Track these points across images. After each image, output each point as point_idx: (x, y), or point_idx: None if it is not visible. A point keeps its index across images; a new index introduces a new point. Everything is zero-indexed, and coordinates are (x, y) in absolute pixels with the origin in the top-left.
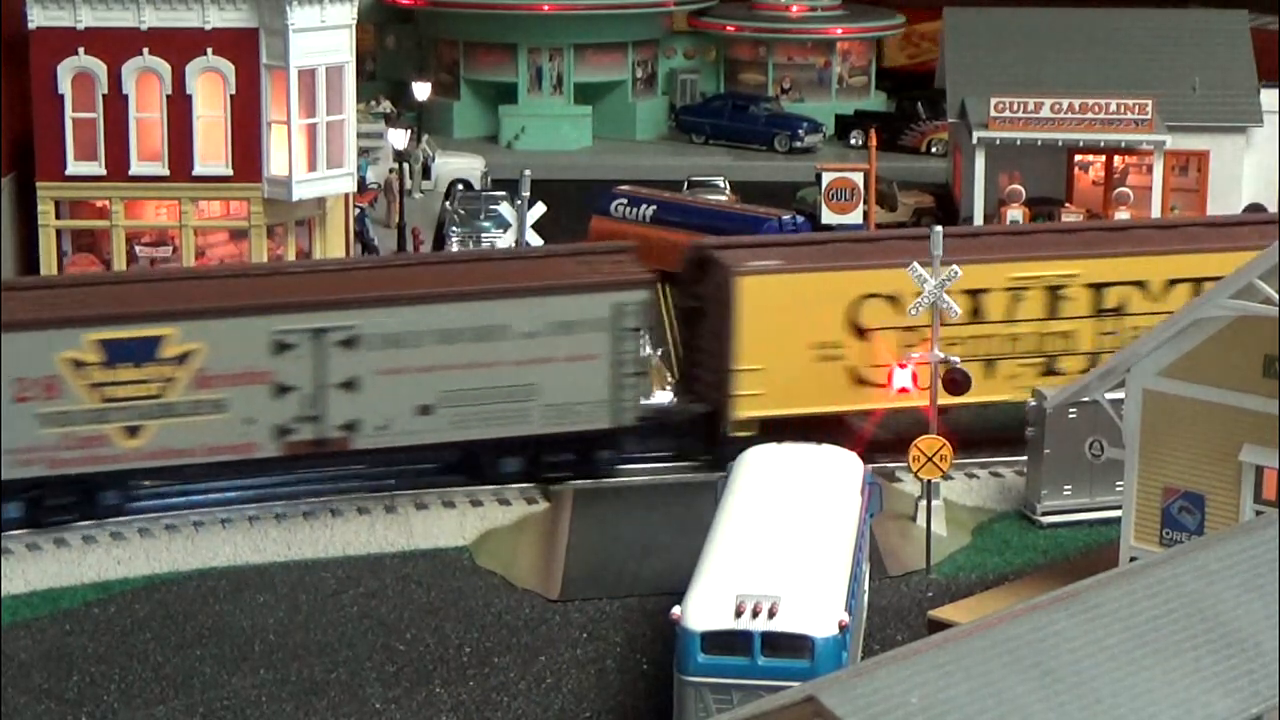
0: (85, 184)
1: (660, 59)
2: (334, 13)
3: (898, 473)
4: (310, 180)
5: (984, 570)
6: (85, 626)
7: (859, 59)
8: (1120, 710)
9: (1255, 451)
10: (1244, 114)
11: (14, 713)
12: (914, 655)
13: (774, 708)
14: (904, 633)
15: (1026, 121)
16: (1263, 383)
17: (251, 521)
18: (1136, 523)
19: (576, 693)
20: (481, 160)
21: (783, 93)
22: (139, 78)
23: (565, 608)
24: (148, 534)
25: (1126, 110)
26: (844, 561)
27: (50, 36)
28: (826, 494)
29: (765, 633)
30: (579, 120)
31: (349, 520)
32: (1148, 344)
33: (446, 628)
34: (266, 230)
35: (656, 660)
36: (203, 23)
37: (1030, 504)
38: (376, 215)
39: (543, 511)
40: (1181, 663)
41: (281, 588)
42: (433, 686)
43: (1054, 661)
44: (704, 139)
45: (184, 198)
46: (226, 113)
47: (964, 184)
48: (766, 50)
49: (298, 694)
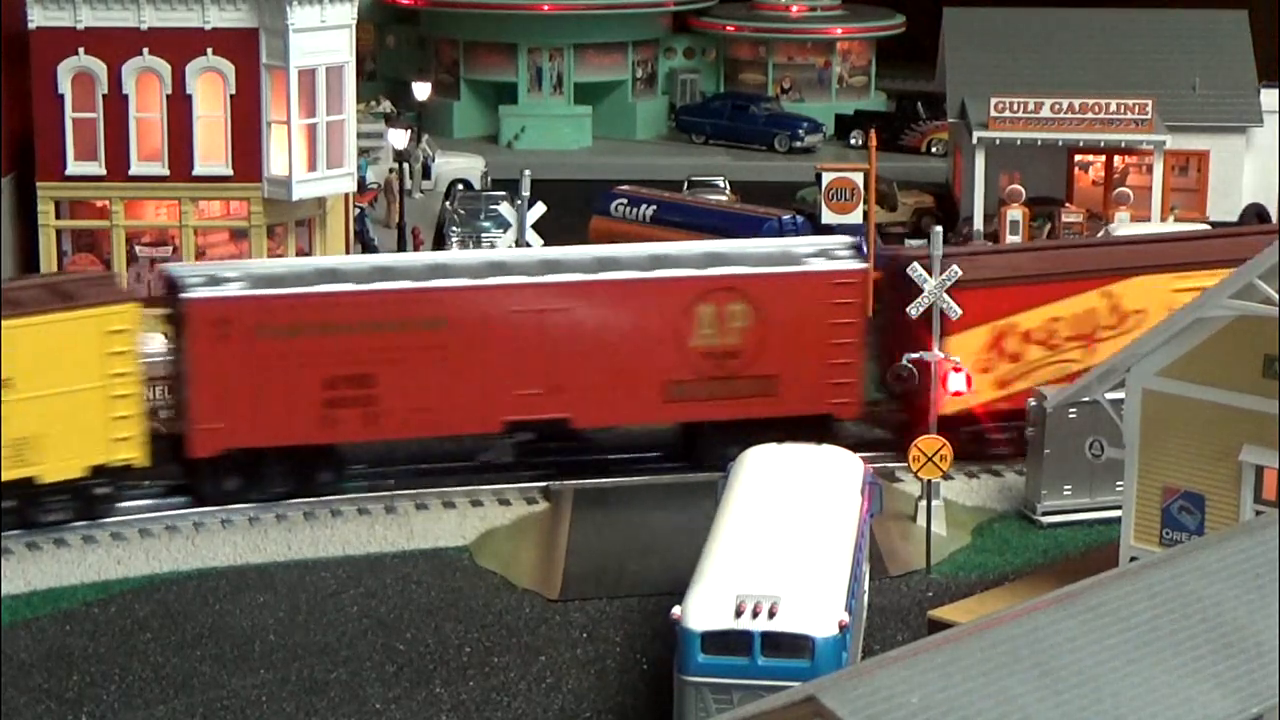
0: (85, 184)
1: (660, 59)
2: (334, 13)
3: (898, 473)
4: (310, 180)
5: (984, 570)
6: (85, 626)
7: (859, 59)
8: (1120, 710)
9: (1255, 451)
10: (1244, 114)
11: (14, 713)
12: (914, 655)
13: (774, 708)
14: (904, 633)
15: (1026, 121)
16: (1262, 383)
17: (251, 521)
18: (1136, 523)
19: (576, 693)
20: (481, 160)
21: (783, 93)
22: (139, 78)
23: (565, 608)
24: (148, 534)
25: (1126, 110)
26: (844, 561)
27: (50, 36)
28: (826, 494)
29: (765, 633)
30: (579, 120)
31: (349, 520)
32: (1148, 344)
33: (446, 628)
34: (267, 230)
35: (656, 660)
36: (203, 23)
37: (1030, 504)
38: (376, 215)
39: (543, 511)
40: (1181, 663)
41: (281, 588)
42: (433, 686)
43: (1054, 661)
44: (704, 139)
45: (184, 198)
46: (226, 113)
47: (964, 184)
48: (766, 50)
49: (298, 694)
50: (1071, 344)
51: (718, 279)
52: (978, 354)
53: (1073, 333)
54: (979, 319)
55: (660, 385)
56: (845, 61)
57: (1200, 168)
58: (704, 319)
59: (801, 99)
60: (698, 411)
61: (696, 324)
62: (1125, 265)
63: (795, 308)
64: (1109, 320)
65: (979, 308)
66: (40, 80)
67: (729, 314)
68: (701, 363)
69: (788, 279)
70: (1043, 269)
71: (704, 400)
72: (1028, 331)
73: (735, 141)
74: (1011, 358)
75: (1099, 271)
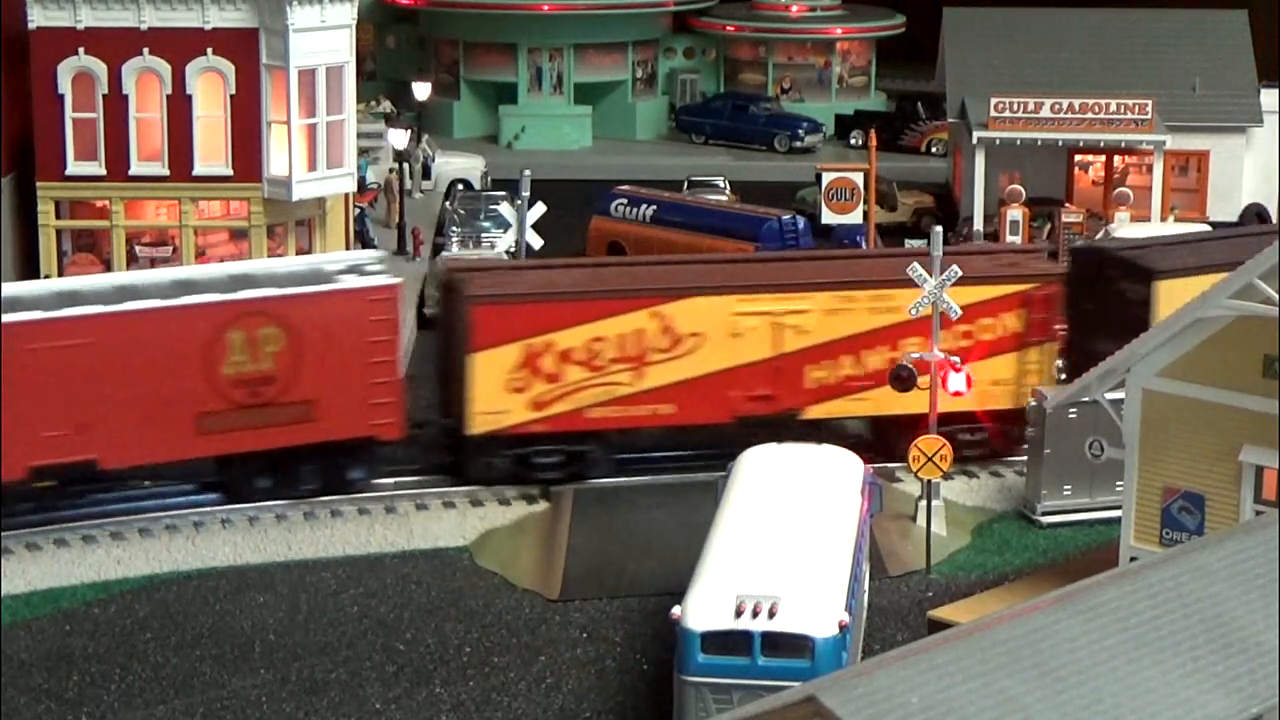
0: (85, 184)
1: (660, 59)
2: (334, 13)
3: (898, 473)
4: (310, 180)
5: (984, 570)
6: (85, 626)
7: (859, 59)
8: (1120, 710)
9: (1255, 451)
10: (1244, 114)
11: (14, 713)
12: (914, 655)
13: (774, 708)
14: (904, 633)
15: (1026, 121)
16: (1262, 383)
17: (251, 521)
18: (1136, 523)
19: (576, 693)
20: (481, 160)
21: (783, 93)
22: (139, 78)
23: (565, 608)
24: (148, 534)
25: (1126, 110)
26: (844, 561)
27: (50, 36)
28: (826, 494)
29: (765, 633)
30: (579, 120)
31: (349, 520)
32: (1147, 344)
33: (446, 628)
34: (267, 230)
35: (656, 660)
36: (203, 23)
37: (1030, 504)
38: (376, 215)
39: (543, 511)
40: (1181, 663)
41: (281, 588)
42: (433, 686)
43: (1054, 661)
44: (704, 139)
45: (184, 198)
46: (226, 113)
47: (964, 184)
48: (766, 50)
49: (298, 694)
50: (618, 365)
51: (246, 303)
52: (509, 373)
53: (619, 354)
54: (508, 336)
55: (191, 418)
56: (845, 61)
57: (1200, 168)
58: (234, 345)
59: (801, 99)
60: (233, 443)
61: (227, 351)
62: (678, 286)
63: (329, 328)
64: (661, 342)
65: (508, 325)
66: (40, 80)
67: (261, 339)
68: (234, 391)
69: (319, 299)
70: (580, 286)
71: (239, 430)
72: (567, 351)
73: (735, 141)
74: (549, 378)
75: (647, 291)
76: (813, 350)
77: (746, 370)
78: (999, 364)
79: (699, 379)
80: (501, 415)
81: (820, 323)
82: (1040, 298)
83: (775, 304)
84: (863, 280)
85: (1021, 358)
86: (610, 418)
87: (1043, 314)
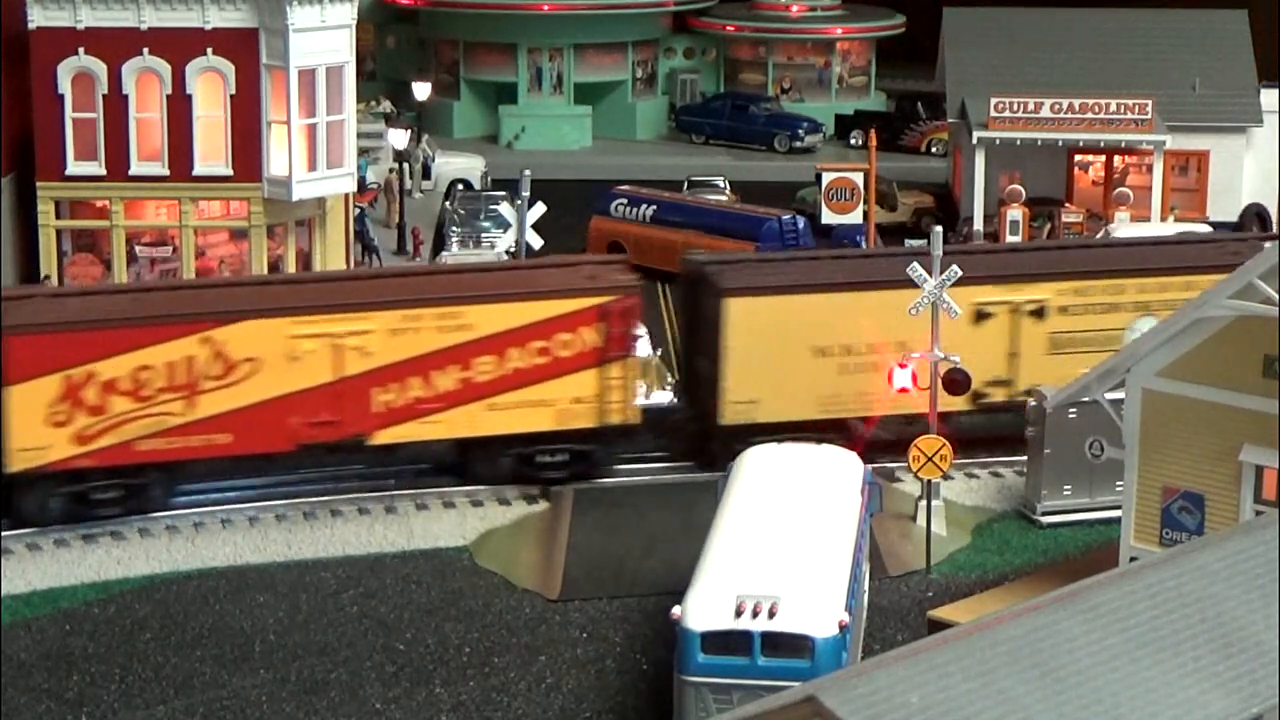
0: (85, 184)
1: (660, 59)
2: (334, 13)
3: (898, 473)
4: (310, 180)
5: (984, 570)
6: (85, 626)
7: (859, 59)
8: (1120, 710)
9: (1255, 451)
10: (1244, 114)
11: (14, 713)
12: (914, 655)
13: (774, 708)
14: (904, 633)
15: (1026, 121)
16: (1262, 383)
17: (251, 521)
18: (1136, 523)
19: (576, 693)
20: (481, 160)
21: (783, 93)
22: (139, 78)
23: (565, 608)
24: (148, 534)
25: (1126, 110)
26: (844, 561)
27: (50, 36)
28: (826, 494)
29: (765, 633)
30: (579, 120)
31: (349, 520)
32: (1147, 344)
33: (446, 628)
34: (267, 230)
35: (656, 660)
36: (203, 23)
37: (1030, 504)
38: (376, 215)
39: (543, 511)
40: (1181, 663)
41: (281, 588)
42: (433, 686)
43: (1054, 661)
44: (704, 139)
45: (184, 198)
46: (226, 113)
47: (964, 184)
48: (766, 50)
49: (298, 694)
50: (168, 395)
51: None
52: (49, 406)
53: (168, 383)
54: (46, 368)
55: None
56: (845, 61)
57: (1200, 168)
58: None
59: (801, 99)
60: None
61: None
62: (229, 309)
63: None
64: (214, 369)
65: (45, 355)
66: (40, 80)
67: None
68: None
69: None
70: (123, 313)
71: None
72: (111, 381)
73: (735, 141)
74: (93, 410)
75: (195, 316)
76: (377, 372)
77: (306, 395)
78: (580, 380)
79: (256, 406)
80: (43, 451)
81: (384, 343)
82: (618, 310)
83: (335, 325)
84: (427, 298)
85: (603, 374)
86: (161, 450)
87: (622, 328)
